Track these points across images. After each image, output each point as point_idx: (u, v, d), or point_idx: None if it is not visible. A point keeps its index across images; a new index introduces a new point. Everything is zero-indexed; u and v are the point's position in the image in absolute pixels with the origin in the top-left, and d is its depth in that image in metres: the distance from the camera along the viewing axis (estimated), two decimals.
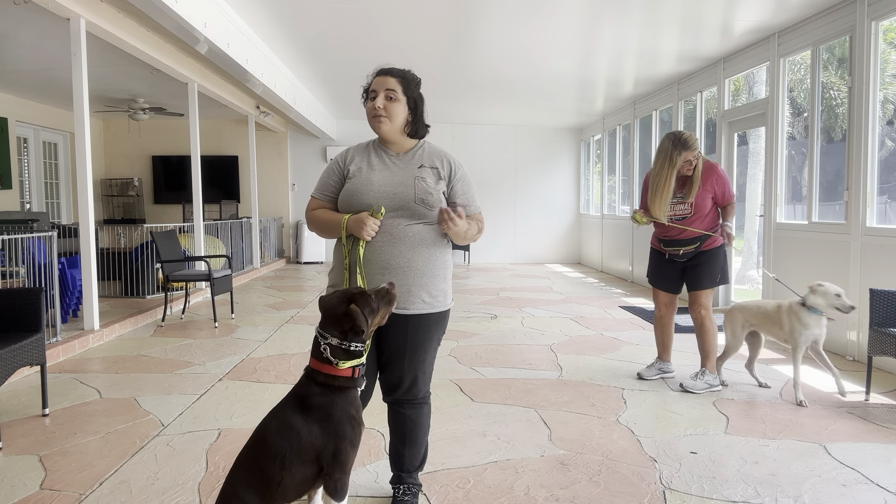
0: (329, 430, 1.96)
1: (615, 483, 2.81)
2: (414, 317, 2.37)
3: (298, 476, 1.93)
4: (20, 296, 3.68)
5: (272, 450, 1.92)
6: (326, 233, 2.40)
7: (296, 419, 1.96)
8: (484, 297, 8.44)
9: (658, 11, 5.72)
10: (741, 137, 7.70)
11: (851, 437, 3.38)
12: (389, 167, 2.40)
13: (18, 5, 5.42)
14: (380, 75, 2.42)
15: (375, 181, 2.36)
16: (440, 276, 2.41)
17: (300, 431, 1.94)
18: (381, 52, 7.14)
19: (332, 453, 1.96)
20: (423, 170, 2.40)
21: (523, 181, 13.46)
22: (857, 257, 5.03)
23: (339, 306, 2.02)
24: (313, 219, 2.44)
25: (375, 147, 2.47)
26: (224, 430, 3.47)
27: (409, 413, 2.49)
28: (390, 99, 2.37)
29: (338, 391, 2.01)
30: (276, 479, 1.90)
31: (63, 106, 10.71)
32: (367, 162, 2.42)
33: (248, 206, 12.53)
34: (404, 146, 2.46)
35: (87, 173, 5.53)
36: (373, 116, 2.38)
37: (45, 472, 2.93)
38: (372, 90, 2.41)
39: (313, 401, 1.98)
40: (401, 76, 2.42)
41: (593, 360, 5.02)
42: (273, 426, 1.96)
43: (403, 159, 2.43)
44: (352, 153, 2.46)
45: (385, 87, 2.38)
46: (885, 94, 5.13)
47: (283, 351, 5.30)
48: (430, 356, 2.47)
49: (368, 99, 2.42)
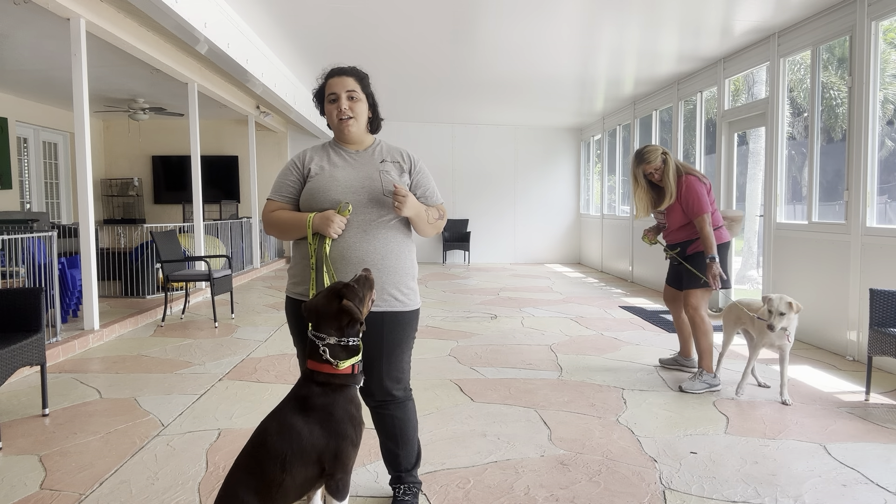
0: (330, 429, 1.96)
1: (615, 483, 2.81)
2: (388, 315, 2.36)
3: (300, 477, 1.93)
4: (20, 296, 3.68)
5: (273, 452, 1.91)
6: (288, 234, 2.36)
7: (297, 420, 1.95)
8: (484, 297, 8.44)
9: (658, 11, 5.72)
10: (741, 137, 7.70)
11: (851, 437, 3.38)
12: (351, 164, 2.41)
13: (18, 5, 5.42)
14: (335, 76, 2.41)
15: (340, 177, 2.35)
16: (410, 275, 2.43)
17: (301, 432, 1.94)
18: (381, 51, 7.14)
19: (333, 453, 1.96)
20: (386, 164, 2.42)
21: (523, 181, 13.45)
22: (857, 257, 5.03)
23: (331, 305, 2.02)
24: (273, 221, 2.39)
25: (333, 146, 2.47)
26: (224, 430, 3.47)
27: (395, 413, 2.48)
28: (352, 99, 2.38)
29: (338, 390, 2.01)
30: (278, 480, 1.89)
31: (63, 106, 10.71)
32: (328, 160, 2.42)
33: (248, 206, 12.53)
34: (364, 143, 2.48)
35: (87, 173, 5.53)
36: (340, 119, 2.38)
37: (45, 472, 2.93)
38: (331, 93, 2.39)
39: (314, 401, 1.98)
40: (356, 75, 2.43)
41: (593, 360, 5.02)
42: (273, 428, 1.95)
43: (364, 156, 2.44)
44: (310, 154, 2.44)
45: (346, 88, 2.38)
46: (885, 94, 5.13)
47: (283, 351, 5.30)
48: (407, 355, 2.47)
49: (327, 101, 2.41)
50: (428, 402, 3.91)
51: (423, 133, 12.96)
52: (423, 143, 12.87)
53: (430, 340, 5.66)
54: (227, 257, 7.28)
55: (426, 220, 2.42)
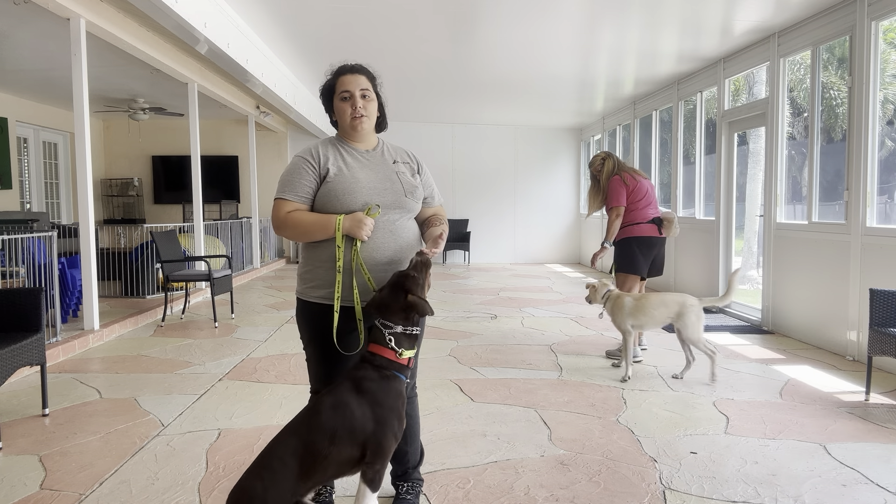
0: (379, 417, 2.01)
1: (615, 483, 2.81)
2: None
3: (345, 454, 1.97)
4: (20, 296, 3.68)
5: (326, 424, 1.96)
6: (310, 236, 2.27)
7: (351, 399, 2.01)
8: (484, 297, 8.44)
9: (658, 11, 5.72)
10: (741, 137, 7.70)
11: (851, 437, 3.38)
12: (366, 165, 2.37)
13: (18, 5, 5.42)
14: (347, 74, 2.38)
15: (363, 179, 2.31)
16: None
17: (355, 412, 1.99)
18: (381, 51, 7.14)
19: (378, 441, 2.00)
20: (398, 165, 2.42)
21: (523, 181, 13.46)
22: (857, 257, 5.03)
23: (398, 299, 2.11)
24: (293, 222, 2.26)
25: (341, 144, 2.40)
26: (224, 430, 3.47)
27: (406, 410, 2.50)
28: (365, 98, 2.37)
29: (392, 379, 2.07)
30: (324, 452, 1.93)
31: (63, 106, 10.72)
32: (342, 160, 2.35)
33: (248, 206, 12.52)
34: (370, 143, 2.45)
35: (87, 173, 5.53)
36: (353, 118, 2.35)
37: (45, 472, 2.93)
38: (345, 90, 2.35)
39: (369, 385, 2.04)
40: (369, 74, 2.42)
41: (593, 360, 5.02)
42: (328, 402, 2.00)
43: (374, 156, 2.42)
44: (322, 152, 2.34)
45: (360, 86, 2.36)
46: (885, 94, 5.13)
47: (283, 351, 5.29)
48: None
49: (338, 99, 2.37)
50: (428, 402, 3.91)
51: (424, 133, 12.96)
52: (424, 143, 12.86)
53: (431, 340, 5.66)
54: (227, 257, 7.28)
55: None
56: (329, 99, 2.42)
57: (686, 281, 8.25)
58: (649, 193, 5.04)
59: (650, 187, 5.10)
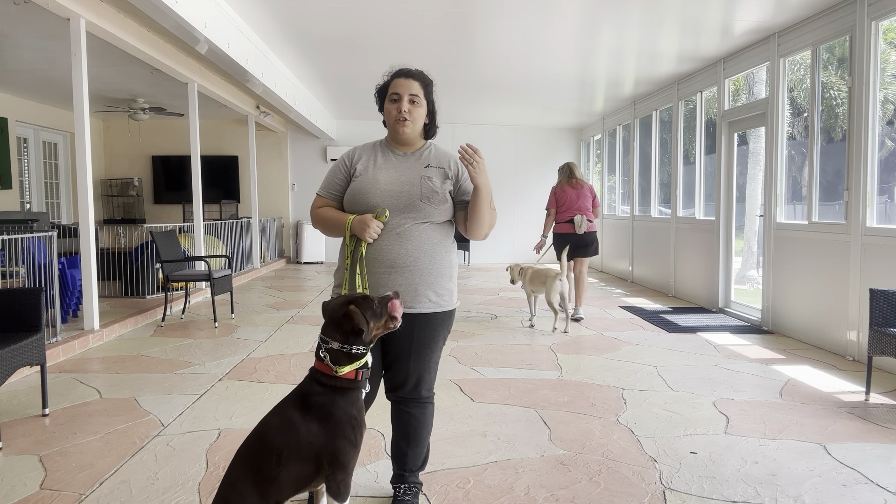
0: (329, 429, 1.97)
1: (615, 483, 2.81)
2: (421, 316, 2.38)
3: (294, 473, 1.94)
4: (20, 296, 3.68)
5: (270, 445, 1.94)
6: (331, 231, 2.43)
7: (296, 416, 1.98)
8: (484, 297, 8.44)
9: (658, 11, 5.72)
10: (741, 137, 7.70)
11: (851, 437, 3.38)
12: (396, 166, 2.42)
13: (18, 5, 5.42)
14: (402, 77, 2.43)
15: (382, 180, 2.37)
16: (446, 276, 2.43)
17: (299, 428, 1.95)
18: (381, 52, 7.14)
19: (332, 454, 1.96)
20: (430, 169, 2.43)
21: (523, 181, 13.46)
22: (857, 257, 5.03)
23: (340, 308, 2.03)
24: (319, 217, 2.46)
25: (383, 146, 2.49)
26: (224, 430, 3.47)
27: (413, 412, 2.50)
28: (413, 103, 2.40)
29: (340, 392, 2.02)
30: (273, 474, 1.91)
31: (63, 106, 10.71)
32: (374, 161, 2.43)
33: (248, 206, 12.52)
34: (415, 146, 2.49)
35: (87, 173, 5.53)
36: (396, 120, 2.39)
37: (45, 472, 2.93)
38: (394, 93, 2.41)
39: (314, 399, 1.99)
40: (422, 80, 2.45)
41: (593, 360, 5.02)
42: (274, 422, 1.98)
43: (410, 159, 2.45)
44: (359, 152, 2.48)
45: (409, 91, 2.39)
46: (885, 94, 5.13)
47: (283, 351, 5.30)
48: (436, 355, 2.48)
49: (388, 100, 2.43)
50: None
51: None
52: None
53: None
54: (227, 257, 7.28)
55: (490, 200, 2.40)
56: (382, 99, 2.49)
57: (686, 280, 8.25)
58: (571, 200, 6.70)
59: (581, 195, 6.71)
